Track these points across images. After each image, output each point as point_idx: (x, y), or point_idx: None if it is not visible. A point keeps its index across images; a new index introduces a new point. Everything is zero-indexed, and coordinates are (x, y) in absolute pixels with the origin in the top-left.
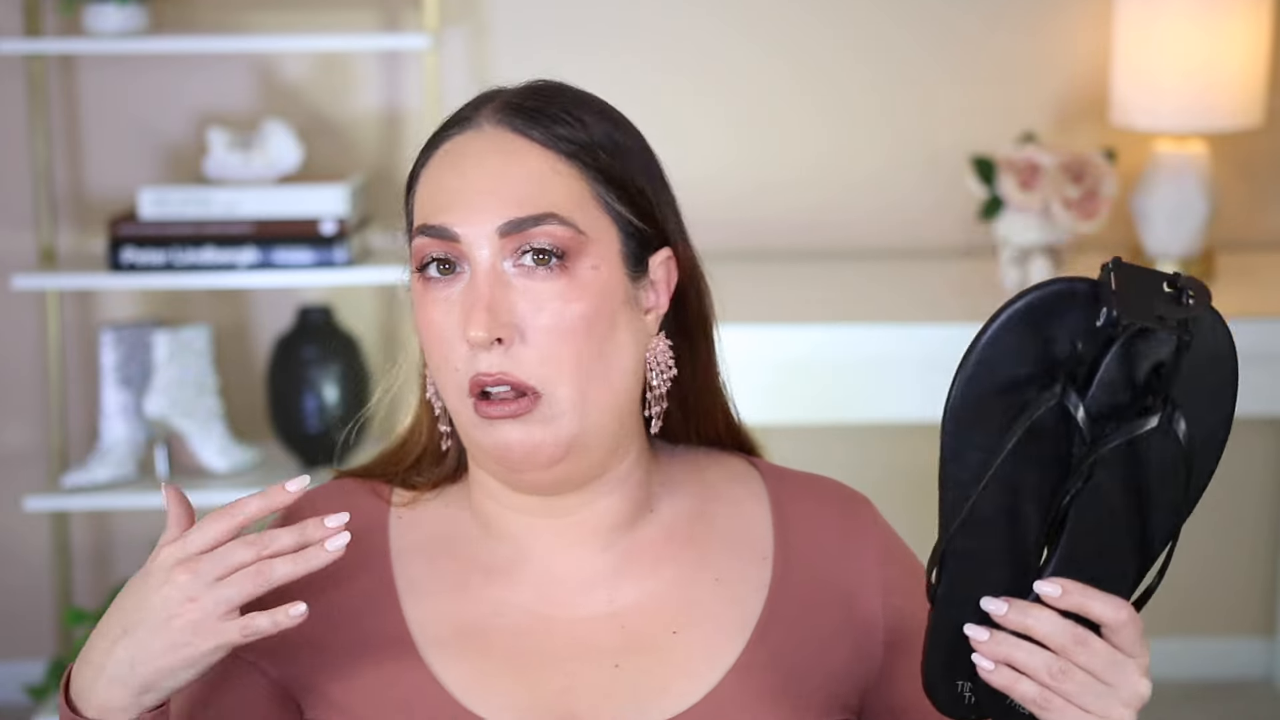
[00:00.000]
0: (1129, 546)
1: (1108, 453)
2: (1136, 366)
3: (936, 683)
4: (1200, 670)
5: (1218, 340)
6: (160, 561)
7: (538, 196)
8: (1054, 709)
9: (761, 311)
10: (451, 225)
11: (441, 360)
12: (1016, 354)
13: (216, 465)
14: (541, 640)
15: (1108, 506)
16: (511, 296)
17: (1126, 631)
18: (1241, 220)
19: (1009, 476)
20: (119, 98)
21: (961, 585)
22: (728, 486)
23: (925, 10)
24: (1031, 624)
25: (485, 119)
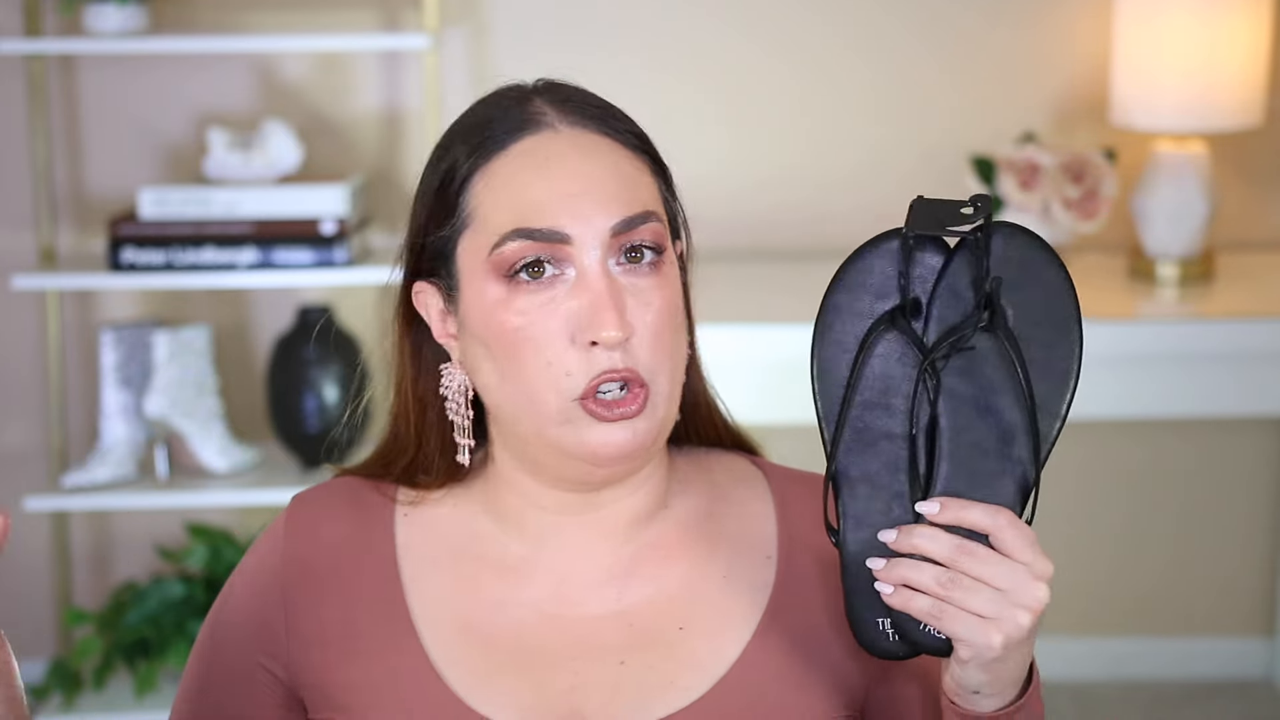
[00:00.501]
0: (1001, 454)
1: (942, 359)
2: (962, 284)
3: (857, 622)
4: (1200, 670)
5: (1026, 247)
6: None
7: (638, 194)
8: (947, 617)
9: (761, 311)
10: (561, 228)
11: (544, 367)
12: (858, 295)
13: (216, 465)
14: (548, 638)
15: (968, 417)
16: (623, 295)
17: (1008, 535)
18: (1241, 220)
19: (874, 401)
20: (119, 98)
21: (861, 522)
22: (734, 486)
23: (925, 9)
24: (917, 542)
25: (554, 119)
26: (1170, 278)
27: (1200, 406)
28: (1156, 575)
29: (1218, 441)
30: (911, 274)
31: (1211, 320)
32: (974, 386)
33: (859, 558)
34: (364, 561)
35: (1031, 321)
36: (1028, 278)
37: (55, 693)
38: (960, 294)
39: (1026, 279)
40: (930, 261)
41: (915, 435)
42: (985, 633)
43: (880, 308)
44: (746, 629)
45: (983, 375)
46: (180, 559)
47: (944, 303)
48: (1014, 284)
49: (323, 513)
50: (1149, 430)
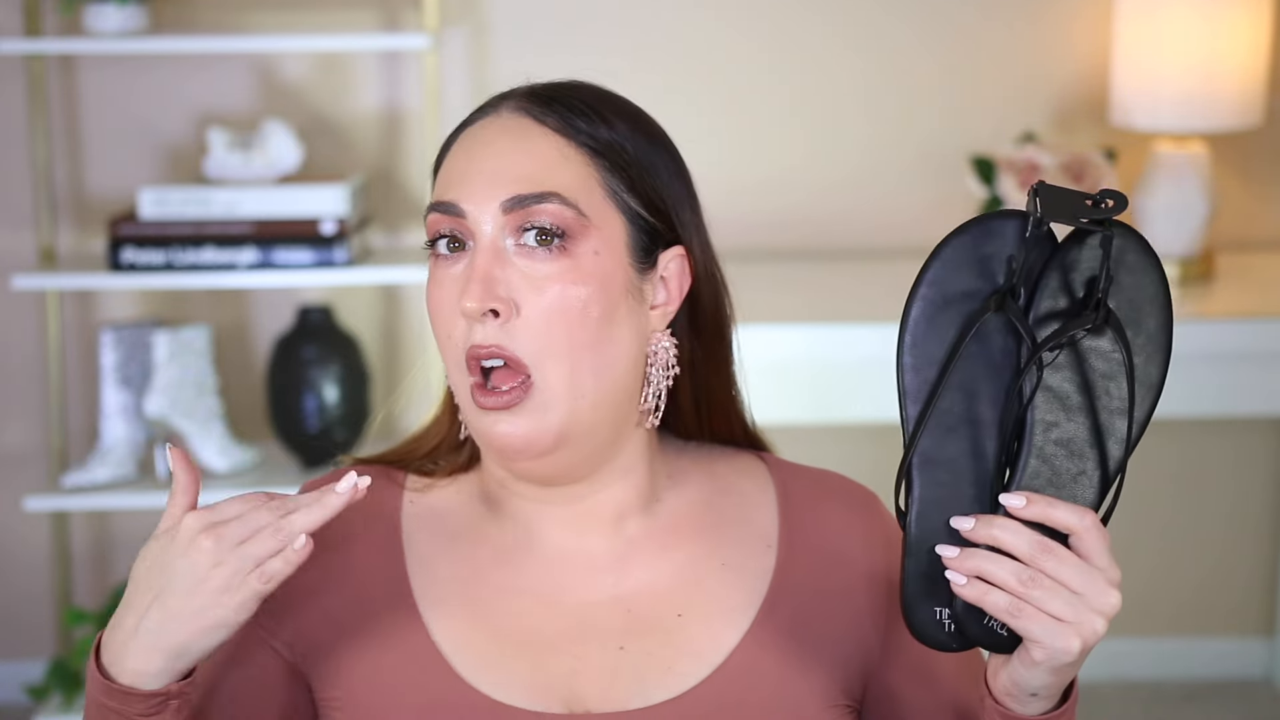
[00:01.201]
0: (1088, 452)
1: (1048, 352)
2: (1073, 278)
3: (914, 609)
4: (1200, 670)
5: (1135, 253)
6: (185, 528)
7: (542, 176)
8: (1025, 616)
9: (761, 311)
10: (458, 201)
11: (444, 335)
12: (959, 273)
13: (216, 465)
14: (548, 622)
15: (1061, 411)
16: (510, 273)
17: (1090, 538)
18: (1241, 220)
19: (964, 385)
20: (119, 98)
21: (932, 507)
22: (735, 479)
23: (925, 9)
24: (997, 534)
25: (506, 107)
26: (1170, 278)
27: (1200, 406)
28: (1156, 575)
29: (1218, 441)
30: (994, 261)
31: (1211, 320)
32: (1071, 383)
33: (926, 543)
34: (370, 545)
35: (1127, 325)
36: (1130, 281)
37: (55, 693)
38: (1069, 288)
39: (1129, 282)
40: (1035, 250)
41: (1006, 425)
42: (1065, 636)
43: (980, 287)
44: (745, 617)
45: (1082, 373)
46: None
47: (1048, 293)
48: (1116, 286)
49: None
50: (1149, 430)
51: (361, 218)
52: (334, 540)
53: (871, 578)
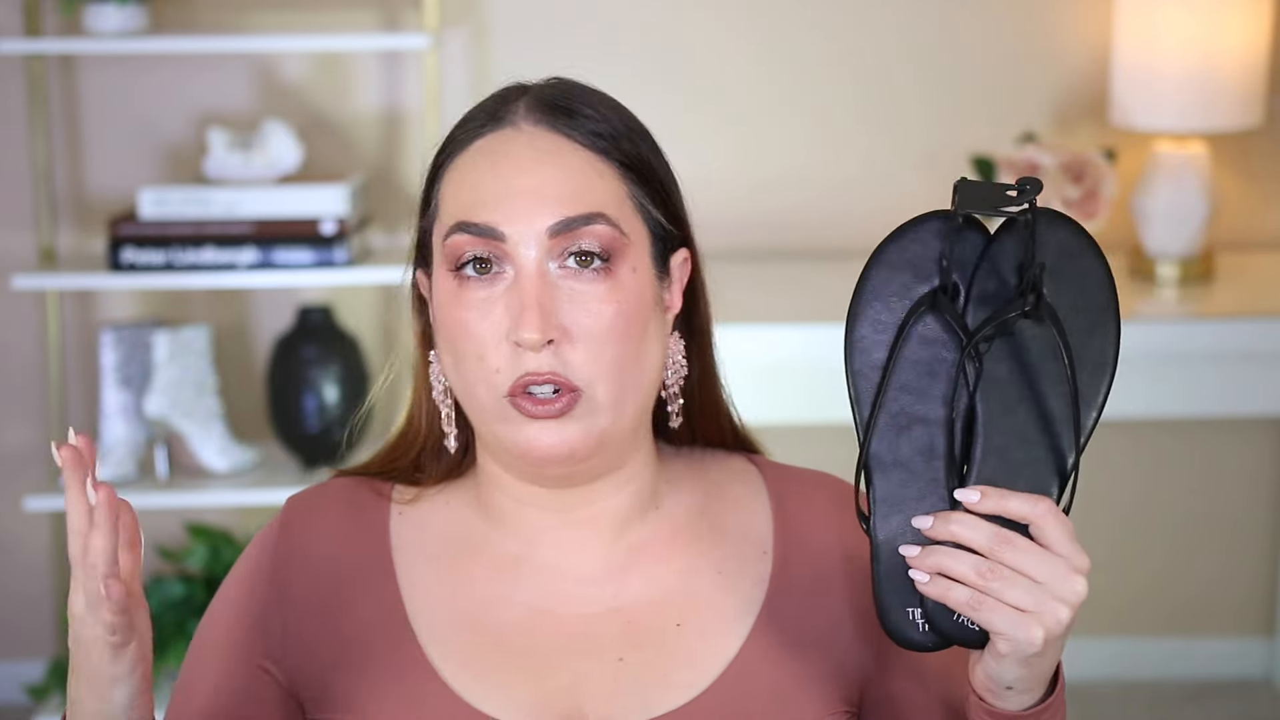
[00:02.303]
0: (1040, 441)
1: (984, 342)
2: (1005, 268)
3: (886, 611)
4: (1200, 670)
5: (1066, 235)
6: None
7: (585, 196)
8: (986, 609)
9: (761, 312)
10: (497, 224)
11: (477, 361)
12: (897, 276)
13: (216, 465)
14: (546, 636)
15: (1009, 400)
16: (558, 298)
17: (1048, 525)
18: (1241, 220)
19: (912, 385)
20: (119, 98)
21: (892, 509)
22: (729, 484)
23: (925, 9)
24: (955, 530)
25: (520, 118)
26: (1170, 278)
27: (1200, 406)
28: (1156, 575)
29: (1217, 441)
30: (935, 260)
31: (1211, 320)
32: (1014, 372)
33: (890, 545)
34: (359, 560)
35: (1070, 309)
36: (1067, 265)
37: (55, 693)
38: (1002, 278)
39: (1066, 266)
40: (969, 244)
41: (954, 421)
42: (1026, 626)
43: (919, 289)
44: (743, 625)
45: (1024, 361)
46: (180, 559)
47: (984, 286)
48: (1054, 271)
49: (317, 513)
50: (1149, 430)
51: (361, 218)
52: (322, 562)
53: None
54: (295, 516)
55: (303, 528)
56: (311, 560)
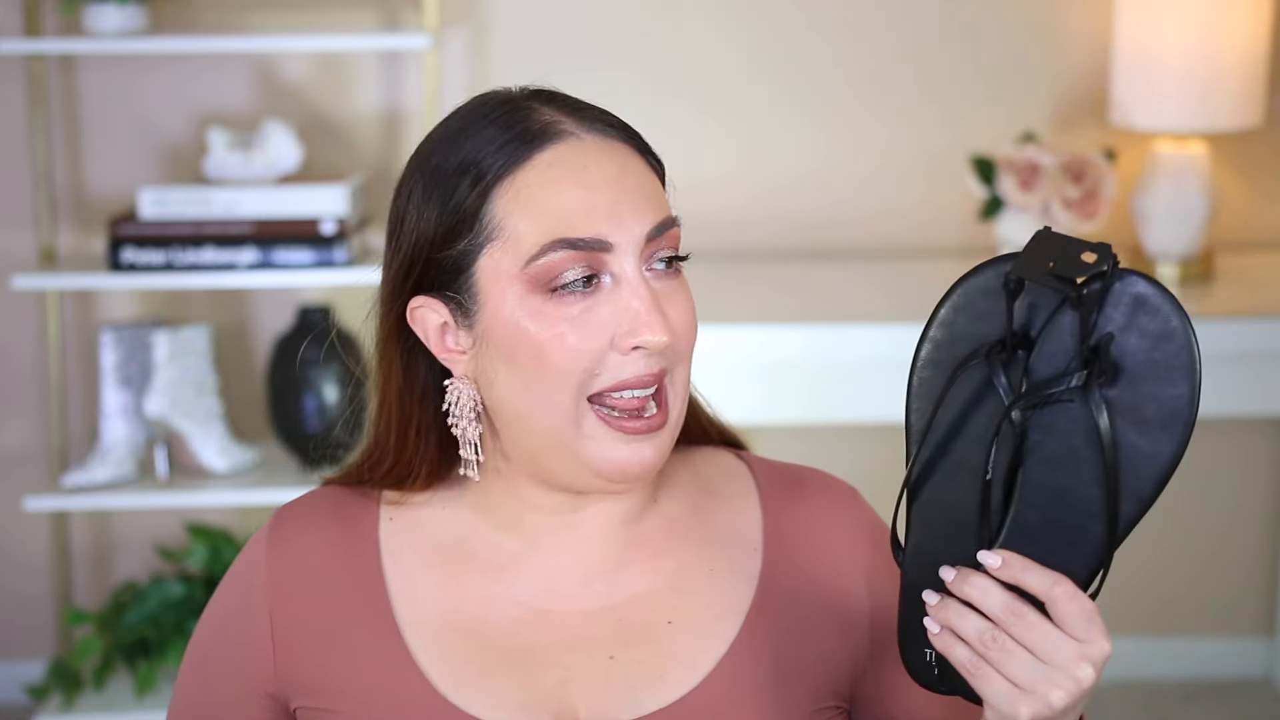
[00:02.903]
0: (1072, 518)
1: (1032, 411)
2: (1070, 332)
3: (906, 647)
4: (1200, 670)
5: (1164, 318)
6: None
7: (662, 200)
8: (981, 676)
9: (762, 312)
10: (604, 235)
11: (576, 371)
12: (968, 316)
13: (216, 465)
14: (537, 635)
15: (1053, 473)
16: (658, 298)
17: (1066, 608)
18: (1241, 220)
19: (968, 431)
20: (119, 98)
21: (925, 552)
22: (719, 481)
23: (925, 10)
24: (968, 590)
25: (572, 126)
26: (1170, 278)
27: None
28: (1156, 575)
29: (1218, 441)
30: (1020, 307)
31: (1211, 320)
32: (1061, 444)
33: (918, 584)
34: (348, 567)
35: (1138, 380)
36: (1150, 344)
37: (55, 693)
38: (1069, 338)
39: (1149, 344)
40: (1047, 296)
41: (989, 479)
42: (1012, 702)
43: (991, 334)
44: (734, 623)
45: (1071, 435)
46: (180, 559)
47: (1048, 344)
48: (1125, 336)
49: (304, 523)
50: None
51: (361, 218)
52: (312, 573)
53: (855, 576)
54: (282, 529)
55: (289, 538)
56: (300, 570)
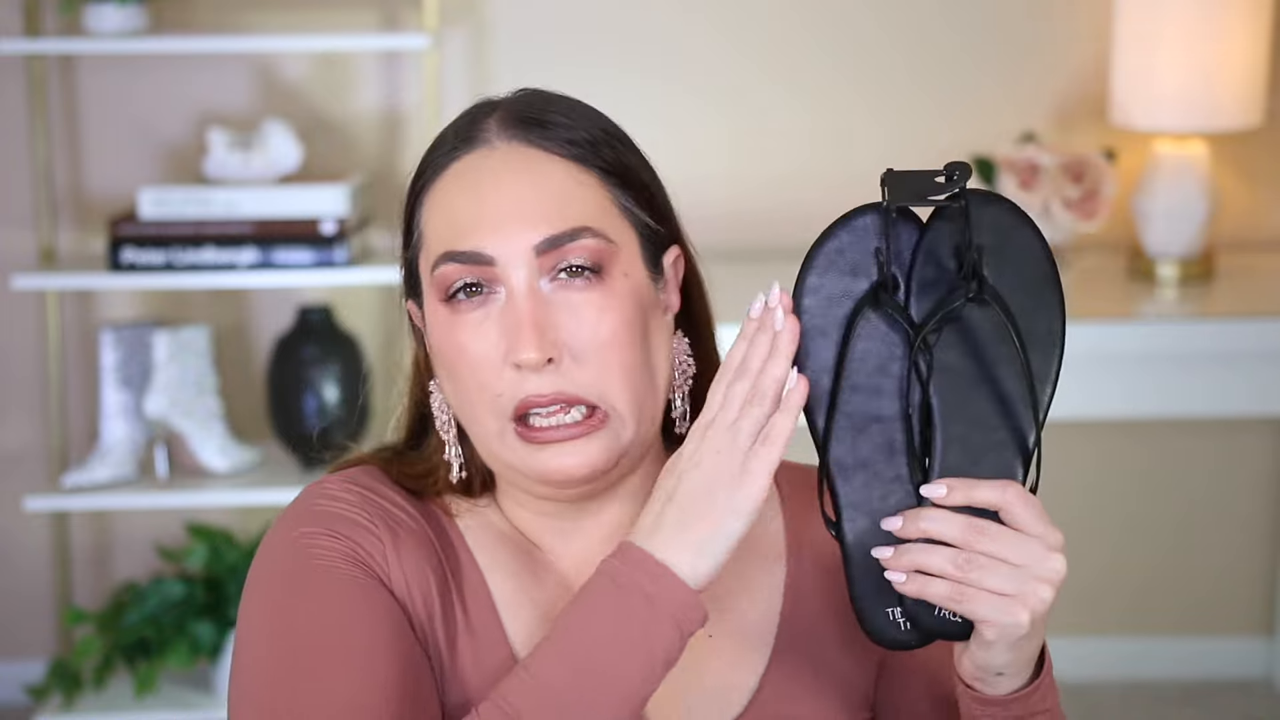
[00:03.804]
0: (999, 424)
1: (932, 333)
2: (943, 255)
3: (865, 613)
4: (1200, 670)
5: (1000, 213)
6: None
7: (567, 210)
8: (968, 599)
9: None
10: (483, 249)
11: (478, 387)
12: (834, 276)
13: (216, 465)
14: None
15: (962, 388)
16: (553, 314)
17: (1018, 509)
18: (1241, 220)
19: (864, 384)
20: (119, 98)
21: (860, 512)
22: None
23: (925, 10)
24: (925, 526)
25: (493, 135)
26: (1170, 278)
27: (1200, 406)
28: (1156, 574)
29: (1217, 441)
30: (873, 251)
31: (1211, 320)
32: (965, 358)
33: (862, 547)
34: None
35: (1011, 287)
36: (1004, 243)
37: (55, 693)
38: (940, 265)
39: (1003, 244)
40: (903, 235)
41: (911, 415)
42: (1011, 610)
43: (858, 286)
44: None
45: (973, 346)
46: (180, 559)
47: (923, 275)
48: (992, 250)
49: (386, 488)
50: (1148, 430)
51: (361, 218)
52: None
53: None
54: (359, 481)
55: (372, 490)
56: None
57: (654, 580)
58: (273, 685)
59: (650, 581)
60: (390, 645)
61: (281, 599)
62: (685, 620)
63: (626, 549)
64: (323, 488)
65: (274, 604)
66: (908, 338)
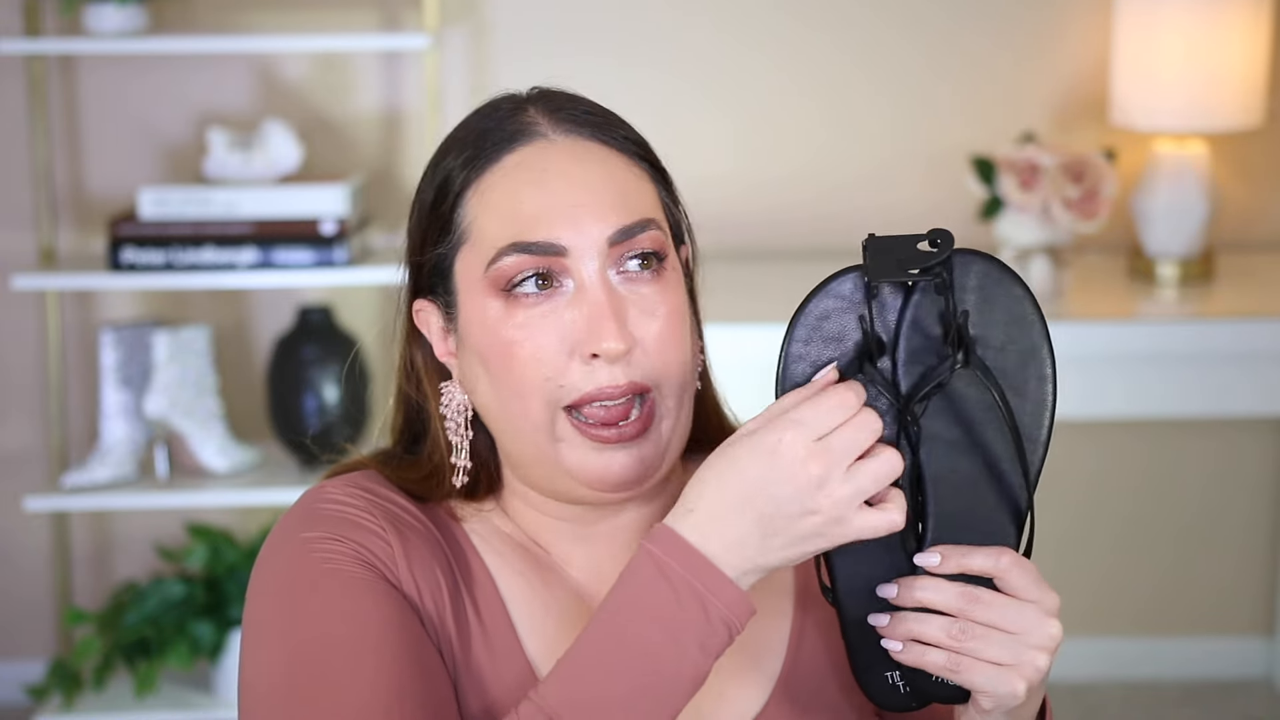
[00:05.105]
0: (990, 490)
1: (920, 403)
2: (929, 321)
3: (865, 678)
4: (1200, 670)
5: (985, 269)
6: (789, 447)
7: (633, 202)
8: (964, 669)
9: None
10: (557, 239)
11: (537, 378)
12: (818, 343)
13: (216, 465)
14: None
15: (952, 458)
16: (624, 305)
17: (1013, 575)
18: (1241, 220)
19: None
20: (119, 98)
21: (855, 580)
22: None
23: (926, 12)
24: (919, 595)
25: (546, 129)
26: (1170, 278)
27: (1200, 406)
28: (1156, 575)
29: (1218, 441)
30: (856, 320)
31: (1211, 320)
32: (953, 426)
33: (859, 615)
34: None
35: (999, 346)
36: (989, 303)
37: (55, 693)
38: (927, 333)
39: (988, 303)
40: (886, 298)
41: (901, 484)
42: (1007, 680)
43: (844, 352)
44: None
45: (961, 413)
46: (180, 559)
47: (911, 344)
48: (978, 307)
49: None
50: (1148, 430)
51: (361, 218)
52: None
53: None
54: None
55: (377, 493)
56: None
57: (705, 582)
58: (285, 691)
59: (702, 583)
60: (403, 646)
61: (289, 603)
62: (736, 622)
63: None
64: (324, 491)
65: (282, 609)
66: (895, 407)
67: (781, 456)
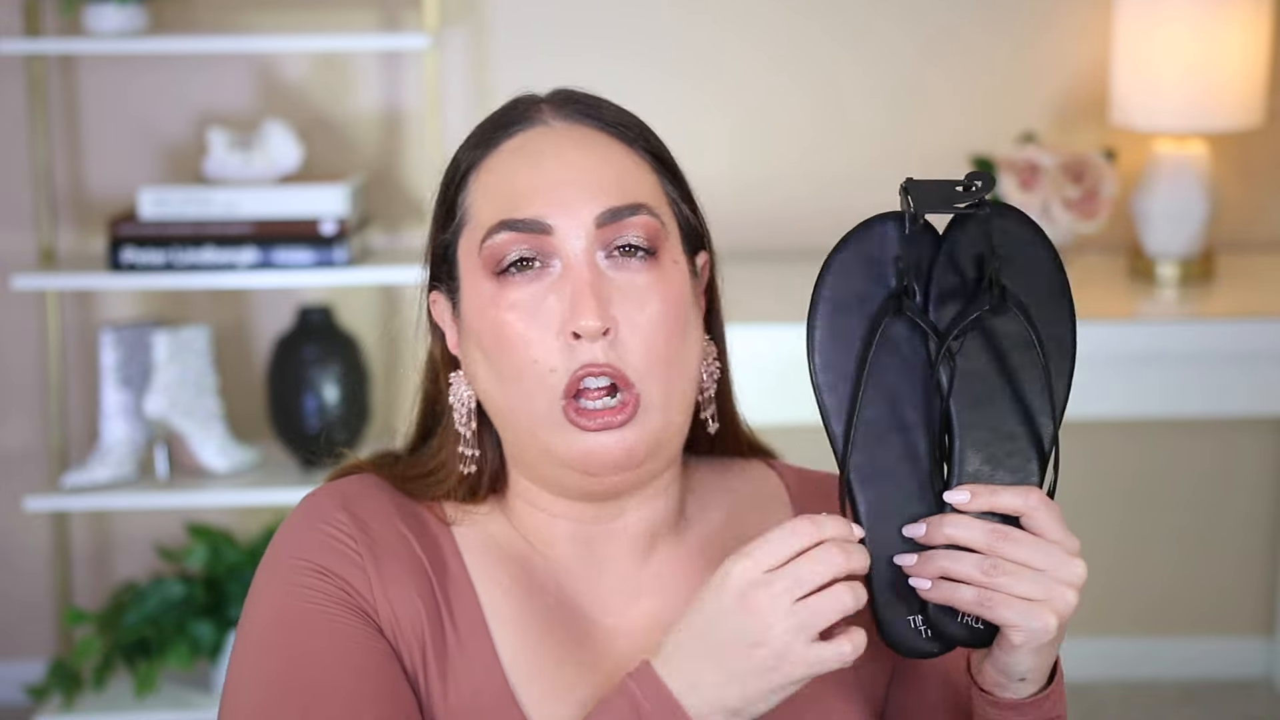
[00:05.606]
0: (1018, 430)
1: (954, 340)
2: (962, 263)
3: (886, 622)
4: (1200, 670)
5: (1014, 225)
6: (732, 582)
7: (628, 186)
8: (996, 604)
9: (765, 311)
10: (543, 217)
11: (529, 363)
12: (853, 282)
13: (216, 465)
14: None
15: (982, 395)
16: (608, 288)
17: (1041, 514)
18: (1241, 220)
19: (884, 392)
20: (119, 98)
21: (881, 520)
22: (752, 494)
23: (925, 11)
24: (950, 533)
25: (548, 115)
26: (1170, 278)
27: (1200, 407)
28: (1156, 575)
29: (1217, 442)
30: (889, 262)
31: (1211, 320)
32: (986, 365)
33: (883, 555)
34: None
35: (1024, 298)
36: (1016, 255)
37: (55, 693)
38: (960, 273)
39: (1015, 256)
40: (919, 242)
41: (933, 422)
42: (1040, 615)
43: (877, 294)
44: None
45: (995, 353)
46: (180, 559)
47: (944, 284)
48: (1006, 261)
49: (376, 502)
50: (1148, 430)
51: (361, 218)
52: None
53: None
54: (355, 507)
55: (364, 510)
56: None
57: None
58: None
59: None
60: (376, 692)
61: (272, 635)
62: None
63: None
64: (319, 507)
65: (264, 640)
66: (929, 345)
67: (727, 590)
